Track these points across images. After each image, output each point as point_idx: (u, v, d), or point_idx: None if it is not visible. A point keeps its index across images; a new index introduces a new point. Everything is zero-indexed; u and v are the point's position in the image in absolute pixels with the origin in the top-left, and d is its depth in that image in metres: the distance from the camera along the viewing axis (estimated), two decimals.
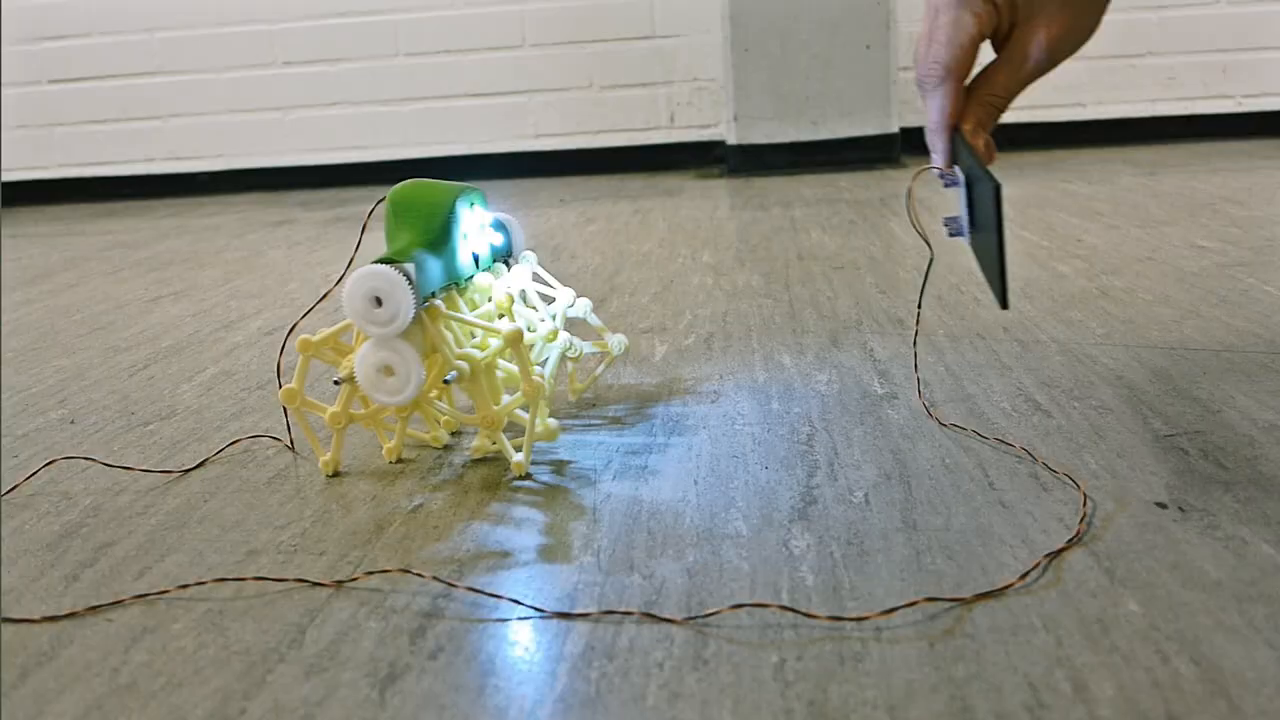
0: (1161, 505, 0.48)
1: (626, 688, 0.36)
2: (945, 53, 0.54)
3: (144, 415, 0.72)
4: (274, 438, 0.65)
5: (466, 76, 2.21)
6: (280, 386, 0.59)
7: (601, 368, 0.69)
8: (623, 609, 0.41)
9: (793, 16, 1.90)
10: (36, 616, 0.44)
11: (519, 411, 0.59)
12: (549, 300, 0.67)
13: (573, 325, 0.71)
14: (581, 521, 0.50)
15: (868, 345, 0.77)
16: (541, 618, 0.41)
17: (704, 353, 0.78)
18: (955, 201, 0.57)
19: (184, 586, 0.46)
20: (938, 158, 0.57)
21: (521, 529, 0.50)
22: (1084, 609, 0.39)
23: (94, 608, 0.45)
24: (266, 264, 1.35)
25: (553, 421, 0.57)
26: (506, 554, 0.47)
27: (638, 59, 2.16)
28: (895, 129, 1.95)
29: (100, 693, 0.38)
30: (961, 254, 1.08)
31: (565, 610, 0.42)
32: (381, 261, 0.53)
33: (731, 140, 1.99)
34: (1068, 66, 0.59)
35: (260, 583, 0.46)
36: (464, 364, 0.55)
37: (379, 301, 0.53)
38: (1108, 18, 0.56)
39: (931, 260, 0.66)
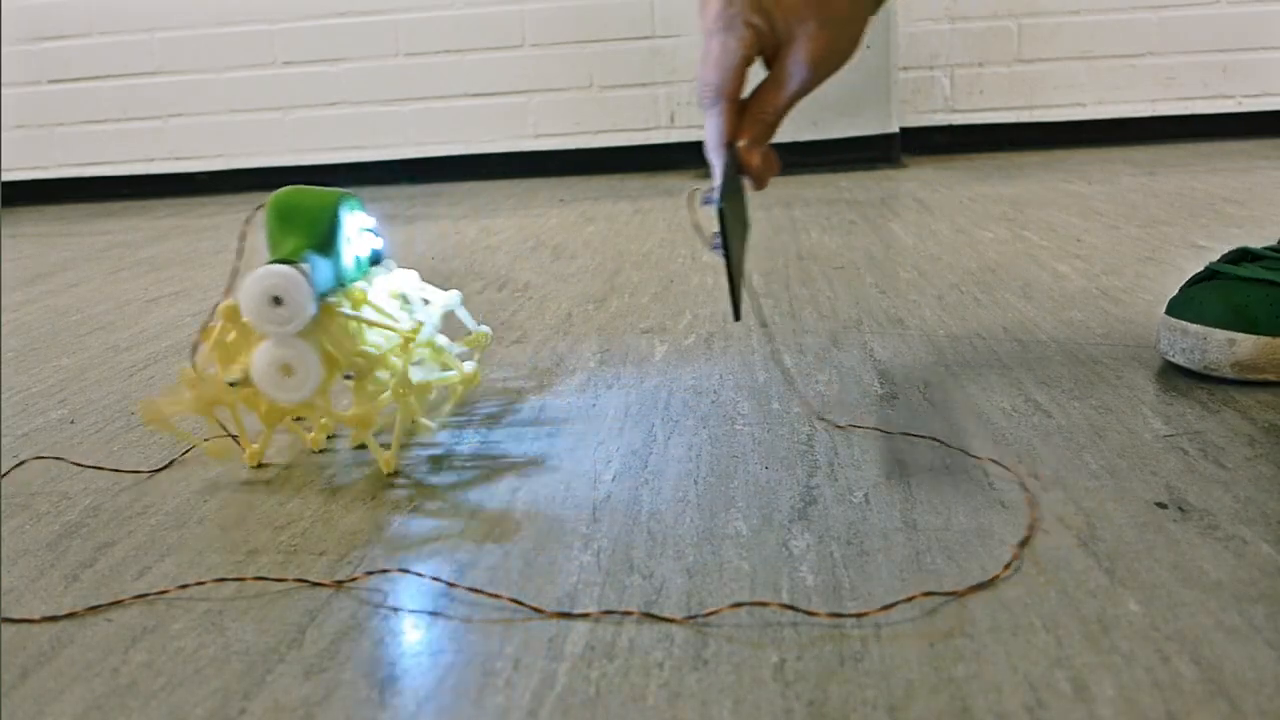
0: (1161, 505, 0.48)
1: (626, 688, 0.36)
2: (715, 75, 0.58)
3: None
4: (233, 435, 0.65)
5: (466, 76, 2.21)
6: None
7: (473, 363, 0.69)
8: (622, 609, 0.41)
9: None
10: (36, 616, 0.44)
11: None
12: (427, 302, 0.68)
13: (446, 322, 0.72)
14: (581, 521, 0.50)
15: (868, 345, 0.77)
16: (541, 618, 0.41)
17: (704, 353, 0.78)
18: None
19: (184, 586, 0.46)
20: (716, 174, 0.59)
21: (521, 529, 0.50)
22: (1084, 609, 0.39)
23: (94, 608, 0.45)
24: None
25: (430, 422, 0.60)
26: (506, 554, 0.47)
27: (638, 59, 2.16)
28: (895, 129, 1.95)
29: (100, 693, 0.38)
30: (961, 254, 1.08)
31: (565, 610, 0.42)
32: (276, 262, 0.54)
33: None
34: (1068, 66, 0.60)
35: (260, 583, 0.46)
36: (361, 361, 0.56)
37: (278, 301, 0.54)
38: (1108, 17, 0.57)
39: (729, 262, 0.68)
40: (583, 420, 0.65)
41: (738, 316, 0.52)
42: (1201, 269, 0.67)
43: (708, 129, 0.60)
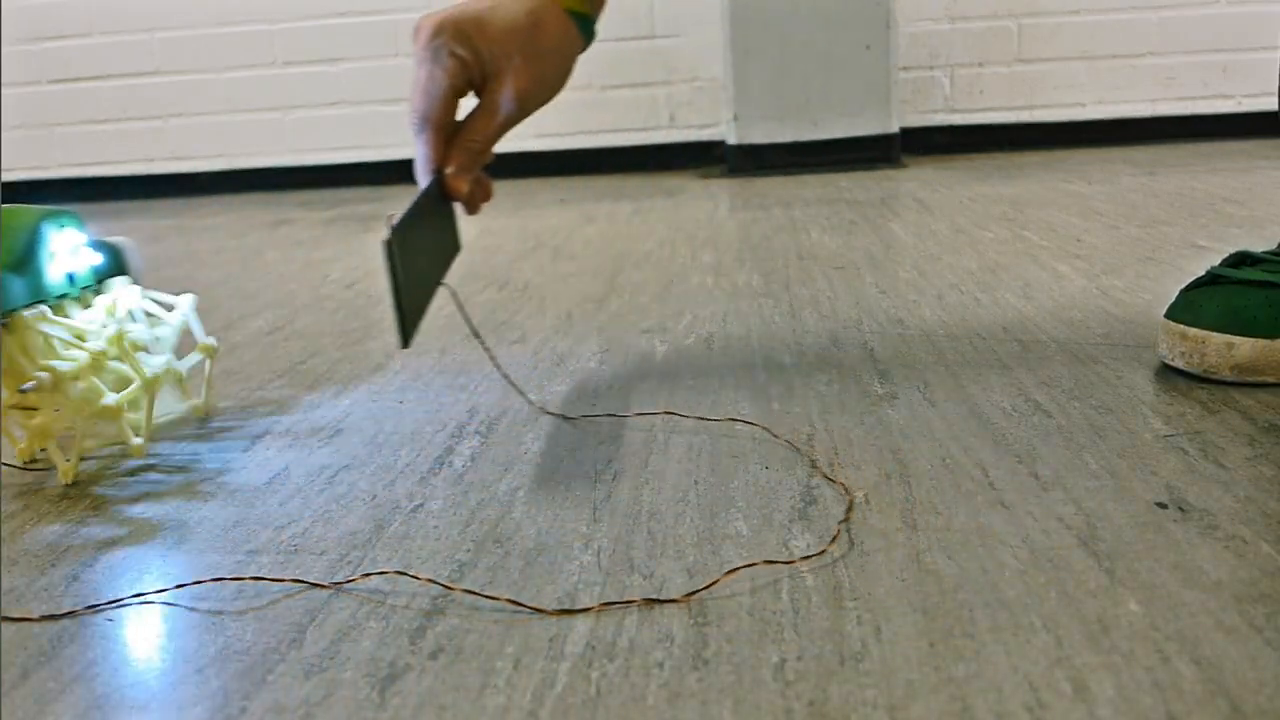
0: (1161, 505, 0.48)
1: (626, 688, 0.36)
2: (421, 103, 0.59)
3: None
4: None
5: None
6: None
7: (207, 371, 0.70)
8: (624, 599, 0.41)
9: (793, 16, 1.90)
10: (36, 616, 0.44)
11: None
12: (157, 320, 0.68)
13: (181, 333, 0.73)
14: (581, 521, 0.50)
15: (868, 345, 0.77)
16: (541, 618, 0.41)
17: (704, 353, 0.78)
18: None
19: (183, 586, 0.46)
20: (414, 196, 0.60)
21: (521, 529, 0.50)
22: (1084, 609, 0.39)
23: (94, 607, 0.45)
24: (266, 264, 1.35)
25: (138, 439, 0.62)
26: (506, 554, 0.47)
27: (638, 59, 2.16)
28: (895, 129, 1.95)
29: (100, 693, 0.38)
30: (961, 254, 1.08)
31: (564, 614, 0.42)
32: None
33: (731, 140, 1.99)
34: (1068, 66, 0.60)
35: (260, 583, 0.46)
36: (45, 375, 0.57)
37: None
38: (1108, 17, 0.58)
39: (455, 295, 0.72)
40: (583, 420, 0.65)
41: (405, 344, 0.52)
42: (1202, 273, 0.67)
43: (416, 156, 0.60)
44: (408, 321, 0.52)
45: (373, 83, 2.23)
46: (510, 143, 2.35)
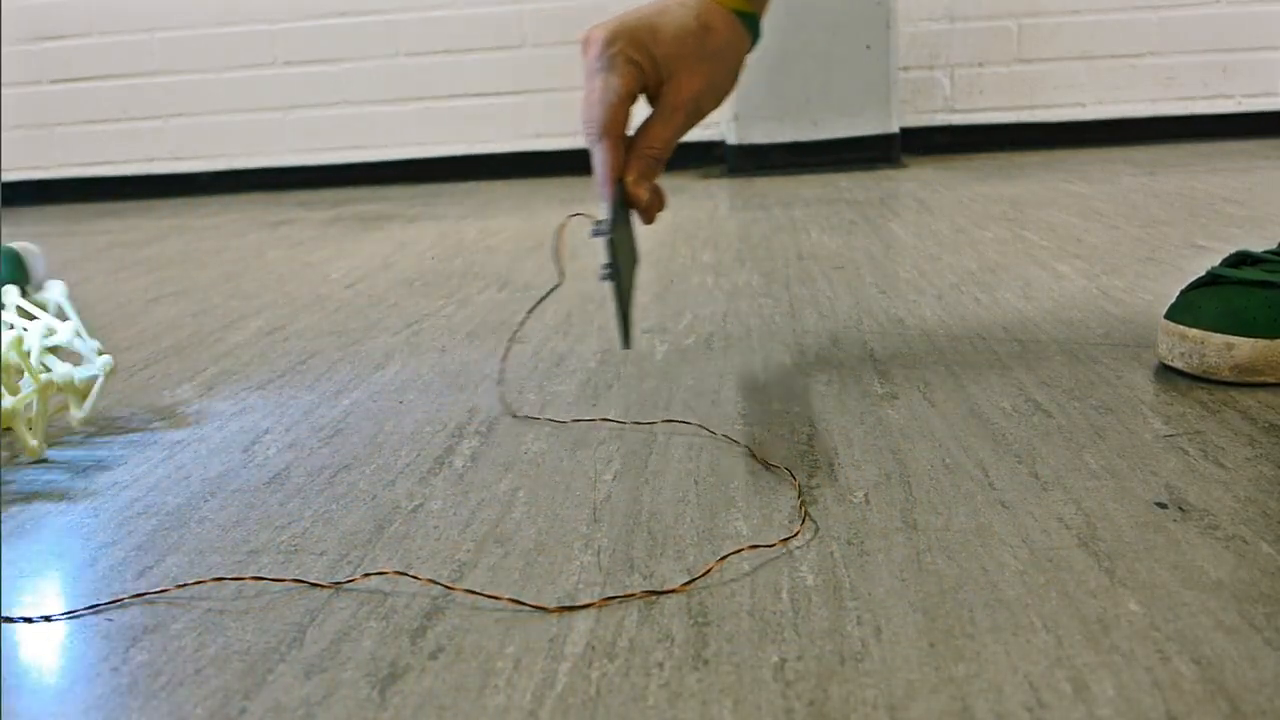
0: (1161, 505, 0.48)
1: (626, 688, 0.36)
2: (598, 113, 0.59)
3: (144, 415, 0.72)
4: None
5: (466, 76, 2.21)
6: None
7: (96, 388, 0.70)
8: (625, 593, 0.41)
9: (793, 17, 1.89)
10: (36, 616, 0.44)
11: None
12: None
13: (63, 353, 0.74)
14: (581, 521, 0.50)
15: (868, 345, 0.77)
16: (541, 618, 0.41)
17: (704, 353, 0.78)
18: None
19: (183, 586, 0.46)
20: (605, 207, 0.60)
21: (521, 529, 0.50)
22: (1084, 609, 0.39)
23: (94, 607, 0.45)
24: (266, 264, 1.35)
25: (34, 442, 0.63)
26: (506, 554, 0.47)
27: None
28: (895, 129, 1.95)
29: (100, 693, 0.38)
30: (961, 254, 1.08)
31: (565, 611, 0.42)
32: None
33: (731, 140, 1.99)
34: (1068, 66, 0.61)
35: (260, 583, 0.46)
36: None
37: None
38: (1108, 17, 0.58)
39: (557, 286, 0.75)
40: (583, 420, 0.65)
41: (627, 344, 0.53)
42: (1202, 274, 0.67)
43: (595, 165, 0.60)
44: (629, 322, 0.52)
45: (373, 83, 2.23)
46: (510, 143, 2.35)
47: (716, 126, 2.16)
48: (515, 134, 2.22)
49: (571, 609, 0.42)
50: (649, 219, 0.63)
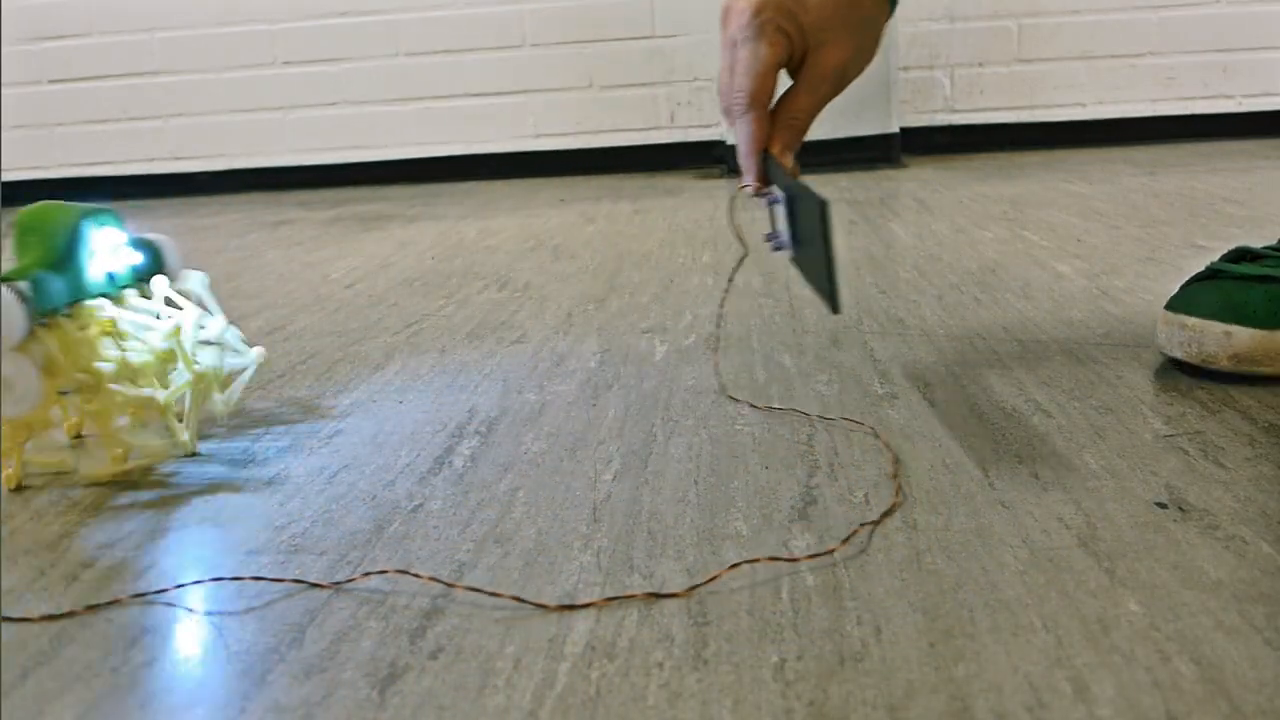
0: (1161, 505, 0.48)
1: (626, 688, 0.36)
2: (747, 82, 0.58)
3: (144, 415, 0.72)
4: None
5: (466, 76, 2.21)
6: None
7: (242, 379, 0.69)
8: (626, 594, 0.41)
9: None
10: (36, 616, 0.44)
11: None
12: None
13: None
14: (581, 521, 0.50)
15: (868, 345, 0.77)
16: (542, 618, 0.41)
17: (704, 353, 0.78)
18: (769, 219, 0.60)
19: (183, 586, 0.46)
20: (749, 179, 0.61)
21: (521, 528, 0.50)
22: (1084, 609, 0.39)
23: (94, 607, 0.45)
24: (266, 264, 1.35)
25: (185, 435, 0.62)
26: (506, 554, 0.47)
27: (638, 59, 2.16)
28: (895, 129, 1.95)
29: (100, 693, 0.38)
30: (961, 254, 1.08)
31: (565, 611, 0.42)
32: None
33: (731, 140, 1.99)
34: (1068, 66, 0.61)
35: (260, 583, 0.46)
36: (85, 377, 0.58)
37: None
38: (1108, 17, 0.59)
39: (744, 258, 0.83)
40: (583, 420, 0.65)
41: (837, 309, 0.53)
42: (1203, 268, 0.68)
43: (740, 136, 0.60)
44: (834, 284, 0.52)
45: (373, 83, 2.23)
46: (510, 142, 2.34)
47: (716, 126, 2.16)
48: (515, 134, 2.22)
49: (572, 608, 0.42)
50: None
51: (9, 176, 2.35)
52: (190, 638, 0.42)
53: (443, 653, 0.39)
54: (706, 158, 2.18)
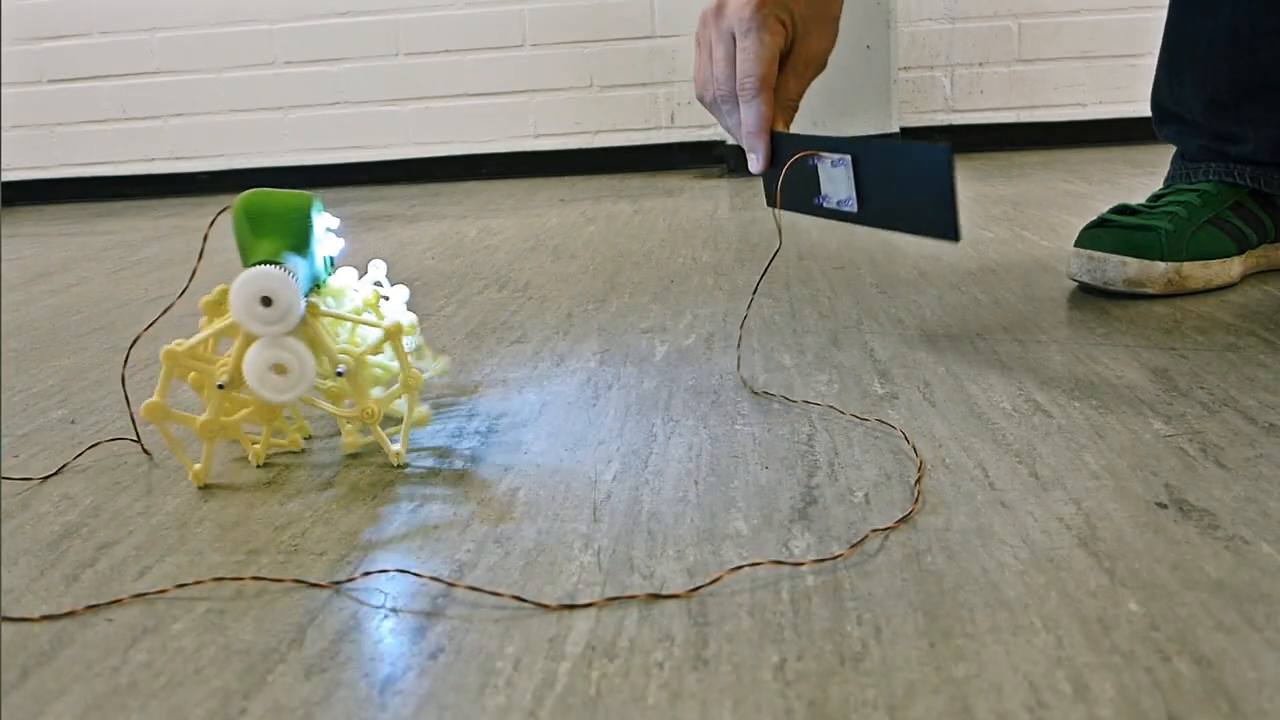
0: (1161, 505, 0.48)
1: (626, 688, 0.36)
2: (757, 67, 0.64)
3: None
4: (133, 439, 0.65)
5: (466, 76, 2.21)
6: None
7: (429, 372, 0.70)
8: (627, 594, 0.41)
9: None
10: (36, 616, 0.44)
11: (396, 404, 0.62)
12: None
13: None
14: (581, 521, 0.50)
15: (868, 345, 0.77)
16: (542, 618, 0.41)
17: (704, 353, 0.78)
18: (813, 184, 0.67)
19: (183, 585, 0.46)
20: (757, 158, 0.68)
21: (521, 528, 0.50)
22: (1084, 609, 0.39)
23: (94, 607, 0.45)
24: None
25: (424, 407, 0.61)
26: (507, 554, 0.47)
27: (638, 59, 2.16)
28: (895, 129, 1.95)
29: (100, 693, 0.38)
30: (961, 254, 1.08)
31: (564, 611, 0.42)
32: (260, 264, 0.55)
33: (731, 140, 1.99)
34: (1068, 66, 0.63)
35: (260, 582, 0.46)
36: (348, 358, 0.57)
37: (267, 301, 0.54)
38: (1108, 17, 0.62)
39: (780, 246, 0.93)
40: (583, 420, 0.65)
41: (959, 235, 0.60)
42: (1094, 218, 0.88)
43: (751, 118, 0.66)
44: (958, 215, 0.60)
45: (373, 83, 2.23)
46: (510, 142, 2.34)
47: (716, 127, 2.16)
48: (515, 134, 2.22)
49: (572, 608, 0.42)
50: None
51: (9, 176, 2.35)
52: (190, 638, 0.42)
53: (443, 653, 0.39)
54: (706, 158, 2.18)
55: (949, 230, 0.60)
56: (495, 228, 1.50)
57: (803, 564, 0.44)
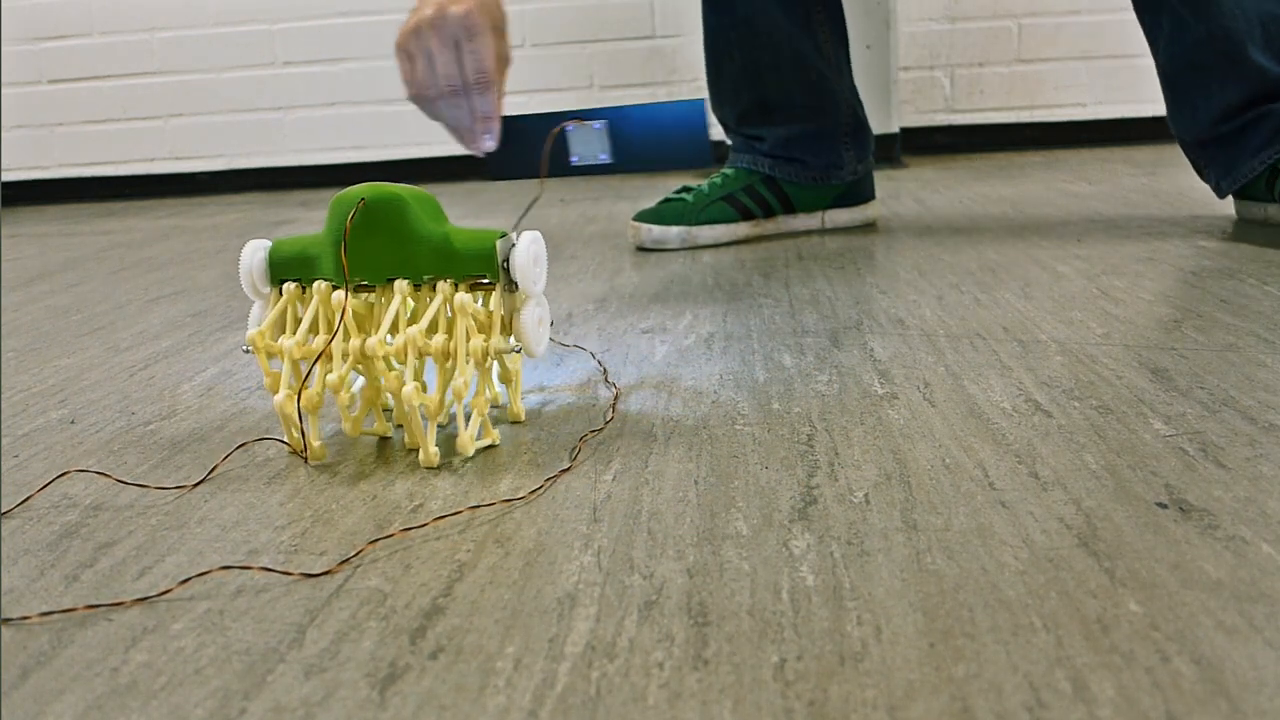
0: (1162, 505, 0.48)
1: (626, 688, 0.36)
2: (492, 63, 0.77)
3: (144, 415, 0.72)
4: (281, 441, 0.65)
5: None
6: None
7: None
8: (621, 608, 0.41)
9: None
10: (36, 616, 0.44)
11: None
12: None
13: None
14: (581, 521, 0.50)
15: (868, 345, 0.77)
16: (541, 618, 0.41)
17: (704, 353, 0.78)
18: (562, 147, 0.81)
19: (184, 582, 0.46)
20: (492, 138, 0.80)
21: (522, 529, 0.50)
22: (1084, 609, 0.39)
23: (94, 607, 0.45)
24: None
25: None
26: (507, 554, 0.47)
27: (638, 59, 2.16)
28: (895, 129, 1.95)
29: (100, 693, 0.38)
30: (961, 254, 1.07)
31: (563, 611, 0.42)
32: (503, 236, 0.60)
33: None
34: (1068, 66, 0.61)
35: (260, 582, 0.46)
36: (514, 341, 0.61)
37: (536, 263, 0.61)
38: (1108, 17, 0.61)
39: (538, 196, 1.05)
40: (582, 420, 0.65)
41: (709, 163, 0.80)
42: (662, 198, 1.26)
43: (486, 106, 0.78)
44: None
45: (373, 83, 2.23)
46: None
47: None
48: None
49: (572, 606, 0.42)
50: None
51: (9, 176, 2.35)
52: (190, 638, 0.42)
53: (443, 653, 0.39)
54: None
55: (702, 159, 0.77)
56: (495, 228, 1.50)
57: (290, 574, 0.44)
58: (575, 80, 2.17)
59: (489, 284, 0.61)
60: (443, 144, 2.24)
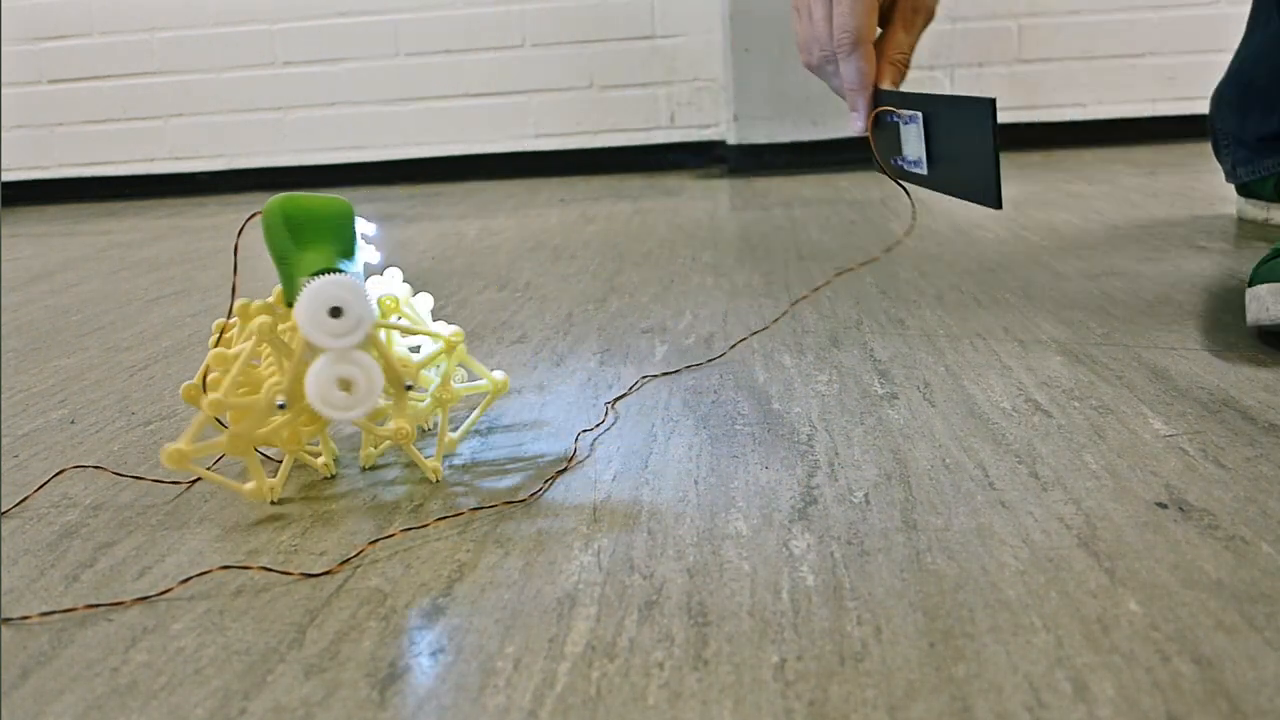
0: (1161, 505, 0.48)
1: (626, 688, 0.36)
2: (853, 21, 0.61)
3: (144, 415, 0.72)
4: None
5: (466, 76, 2.21)
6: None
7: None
8: (622, 608, 0.41)
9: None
10: (36, 616, 0.44)
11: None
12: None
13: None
14: (581, 521, 0.50)
15: (868, 345, 0.77)
16: (541, 618, 0.41)
17: (704, 353, 0.78)
18: (893, 145, 0.65)
19: (184, 581, 0.46)
20: (860, 117, 0.65)
21: (521, 529, 0.50)
22: (1084, 609, 0.39)
23: (94, 607, 0.45)
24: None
25: (453, 434, 0.59)
26: (506, 554, 0.47)
27: (638, 59, 2.16)
28: None
29: (100, 693, 0.38)
30: (961, 254, 1.08)
31: (563, 611, 0.42)
32: (322, 273, 0.51)
33: (731, 140, 1.99)
34: (1068, 66, 0.62)
35: (260, 582, 0.46)
36: (409, 370, 0.55)
37: (337, 312, 0.50)
38: (1108, 17, 0.61)
39: (914, 220, 0.82)
40: (582, 420, 0.65)
41: (1000, 203, 0.56)
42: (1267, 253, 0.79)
43: (851, 74, 0.63)
44: (1000, 182, 0.55)
45: (373, 83, 2.23)
46: (510, 142, 2.34)
47: (716, 127, 2.16)
48: (515, 134, 2.22)
49: (573, 605, 0.42)
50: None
51: (9, 176, 2.35)
52: (190, 638, 0.42)
53: (443, 653, 0.39)
54: (706, 158, 2.18)
55: (995, 194, 0.56)
56: (495, 228, 1.50)
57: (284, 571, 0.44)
58: (575, 80, 2.17)
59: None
60: (443, 144, 2.25)
